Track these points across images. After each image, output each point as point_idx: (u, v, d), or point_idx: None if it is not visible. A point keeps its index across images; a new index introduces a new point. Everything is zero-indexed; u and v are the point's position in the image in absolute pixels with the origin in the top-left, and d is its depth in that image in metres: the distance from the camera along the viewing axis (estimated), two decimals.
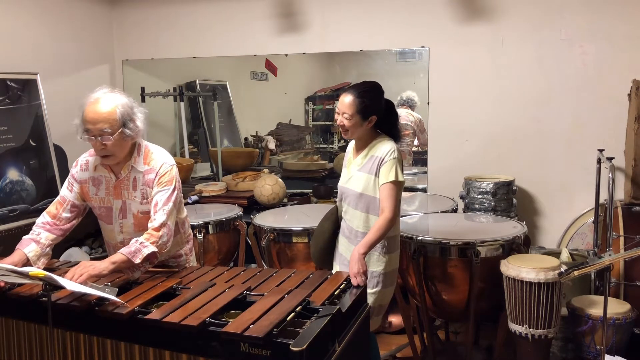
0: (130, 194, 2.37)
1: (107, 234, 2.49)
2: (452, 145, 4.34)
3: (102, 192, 2.39)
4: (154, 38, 4.96)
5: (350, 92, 2.55)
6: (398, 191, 2.53)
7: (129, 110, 2.29)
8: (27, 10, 4.11)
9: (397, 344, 3.64)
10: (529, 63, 4.11)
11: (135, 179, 2.36)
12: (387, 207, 2.50)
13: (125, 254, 2.20)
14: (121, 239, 2.42)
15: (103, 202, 2.40)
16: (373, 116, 2.56)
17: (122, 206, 2.38)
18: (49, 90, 3.96)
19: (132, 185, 2.36)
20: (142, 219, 2.36)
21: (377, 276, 2.59)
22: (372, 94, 2.57)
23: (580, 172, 4.02)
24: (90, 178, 2.40)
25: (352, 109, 2.52)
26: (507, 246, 3.00)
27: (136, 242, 2.23)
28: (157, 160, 2.37)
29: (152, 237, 2.26)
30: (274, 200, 4.22)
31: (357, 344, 2.03)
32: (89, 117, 2.24)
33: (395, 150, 2.55)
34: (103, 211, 2.42)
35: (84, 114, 2.26)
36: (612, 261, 2.38)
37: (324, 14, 4.52)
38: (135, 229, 2.39)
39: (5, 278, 2.03)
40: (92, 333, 1.98)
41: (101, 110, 2.23)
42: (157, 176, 2.34)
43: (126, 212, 2.39)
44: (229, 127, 5.29)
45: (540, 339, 2.77)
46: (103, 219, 2.45)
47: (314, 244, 2.79)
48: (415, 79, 4.45)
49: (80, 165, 2.44)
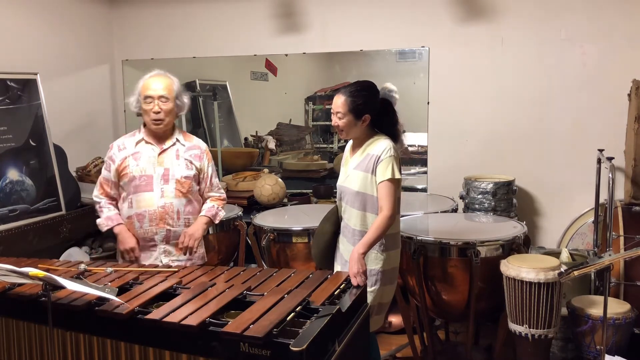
0: (173, 162, 2.74)
1: (146, 202, 2.71)
2: (452, 145, 4.34)
3: (143, 163, 2.72)
4: (154, 38, 4.96)
5: (343, 92, 2.58)
6: (396, 189, 2.54)
7: (180, 88, 2.80)
8: (27, 10, 4.10)
9: (397, 344, 3.64)
10: (529, 63, 4.11)
11: (177, 150, 2.77)
12: (386, 205, 2.50)
13: (209, 216, 2.79)
14: (162, 203, 2.71)
15: (144, 171, 2.71)
16: (366, 115, 2.57)
17: (165, 172, 2.72)
18: (49, 90, 3.96)
19: (175, 155, 2.76)
20: (184, 183, 2.74)
21: (376, 274, 2.59)
22: (364, 92, 2.58)
23: (580, 172, 4.02)
24: (131, 154, 2.74)
25: (344, 108, 2.55)
26: (507, 246, 3.00)
27: (213, 207, 2.82)
28: (197, 140, 2.88)
29: (221, 202, 2.89)
30: (274, 200, 4.22)
31: (357, 344, 2.03)
32: (152, 85, 2.69)
33: (391, 148, 2.55)
34: (143, 180, 2.71)
35: (146, 83, 2.70)
36: (612, 261, 2.38)
37: (324, 14, 4.52)
38: (176, 193, 2.72)
39: (5, 278, 2.03)
40: (92, 333, 1.98)
41: (163, 80, 2.72)
42: (204, 153, 2.84)
43: (168, 178, 2.72)
44: (229, 127, 5.28)
45: (540, 339, 2.77)
46: (142, 189, 2.71)
47: (314, 245, 2.79)
48: (415, 79, 4.45)
49: (117, 146, 2.79)
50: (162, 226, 2.70)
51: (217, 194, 2.89)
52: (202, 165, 2.81)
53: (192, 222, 2.76)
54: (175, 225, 2.72)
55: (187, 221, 2.75)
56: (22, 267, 1.87)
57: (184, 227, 2.74)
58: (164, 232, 2.71)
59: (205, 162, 2.83)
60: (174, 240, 2.73)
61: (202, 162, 2.81)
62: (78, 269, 2.44)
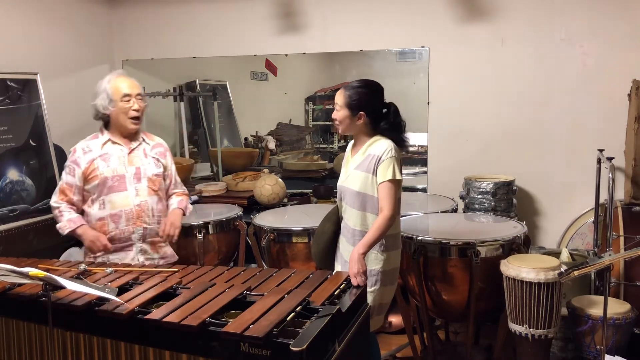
0: (143, 161, 2.77)
1: (121, 202, 2.70)
2: (452, 145, 4.34)
3: (114, 163, 2.71)
4: (154, 38, 4.96)
5: (345, 87, 2.64)
6: (396, 190, 2.54)
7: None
8: (27, 10, 4.10)
9: (397, 344, 3.64)
10: (529, 63, 4.11)
11: (144, 149, 2.80)
12: (386, 206, 2.50)
13: (182, 208, 2.86)
14: (138, 201, 2.72)
15: (116, 172, 2.71)
16: (361, 112, 2.57)
17: (137, 171, 2.74)
18: (49, 90, 3.96)
19: (144, 154, 2.79)
20: (155, 181, 2.78)
21: (376, 274, 2.59)
22: (363, 90, 2.60)
23: (580, 172, 4.02)
24: (99, 156, 2.72)
25: (341, 101, 2.60)
26: (507, 246, 3.00)
27: (183, 200, 2.89)
28: (158, 138, 2.93)
29: (187, 197, 2.94)
30: (274, 200, 4.22)
31: (357, 344, 2.03)
32: (128, 84, 2.71)
33: (392, 149, 2.55)
34: (116, 180, 2.70)
35: (119, 83, 2.70)
36: (612, 261, 2.38)
37: (324, 14, 4.52)
38: (149, 191, 2.76)
39: (5, 278, 2.03)
40: (92, 333, 1.98)
41: (132, 80, 2.75)
42: (167, 150, 2.91)
43: (141, 177, 2.74)
44: (229, 127, 5.28)
45: (540, 339, 2.77)
46: (115, 189, 2.70)
47: (315, 244, 2.79)
48: (415, 79, 4.45)
49: (82, 149, 2.74)
50: (139, 224, 2.73)
51: (181, 190, 2.96)
52: (166, 163, 2.87)
53: (162, 220, 2.79)
54: (151, 222, 2.76)
55: (159, 219, 2.79)
56: (22, 267, 1.87)
57: (157, 225, 2.78)
58: (141, 231, 2.74)
59: (168, 159, 2.89)
60: (150, 238, 2.77)
61: (166, 159, 2.87)
62: (78, 269, 2.44)
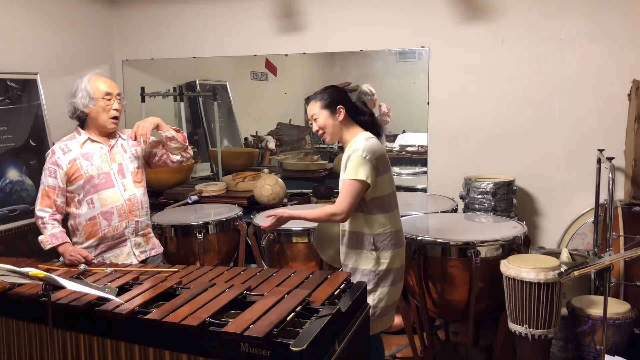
0: (123, 156, 2.81)
1: (111, 198, 2.72)
2: (452, 145, 4.34)
3: (97, 161, 2.73)
4: (154, 38, 4.96)
5: (311, 98, 2.66)
6: (357, 190, 2.47)
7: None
8: (27, 10, 4.10)
9: (397, 344, 3.64)
10: (529, 63, 4.11)
11: (122, 145, 2.84)
12: (338, 201, 2.49)
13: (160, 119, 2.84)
14: (127, 196, 2.76)
15: (101, 169, 2.73)
16: (340, 106, 2.58)
17: (119, 167, 2.78)
18: (49, 90, 3.96)
19: (122, 149, 2.83)
20: (137, 174, 2.83)
21: (368, 274, 2.56)
22: (329, 89, 2.65)
23: (580, 172, 4.01)
24: (79, 155, 2.72)
25: (316, 107, 2.61)
26: (507, 246, 3.00)
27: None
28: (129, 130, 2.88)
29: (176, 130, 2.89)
30: (274, 200, 4.22)
31: (357, 344, 2.03)
32: (108, 85, 2.75)
33: (364, 150, 2.49)
34: (102, 178, 2.72)
35: (99, 82, 2.74)
36: (612, 261, 2.38)
37: (324, 14, 4.52)
38: (135, 184, 2.80)
39: (5, 278, 2.03)
40: (92, 333, 1.98)
41: (112, 81, 2.80)
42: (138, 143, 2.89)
43: (124, 172, 2.79)
44: (229, 127, 5.28)
45: (540, 339, 2.77)
46: (102, 187, 2.71)
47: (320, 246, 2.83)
48: (415, 79, 4.45)
49: (61, 150, 2.73)
50: (131, 219, 2.77)
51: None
52: (144, 146, 2.93)
53: (149, 212, 2.89)
54: (141, 215, 2.82)
55: (147, 210, 2.87)
56: (22, 267, 1.87)
57: (146, 217, 2.85)
58: (134, 225, 2.78)
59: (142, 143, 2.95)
60: (142, 231, 2.83)
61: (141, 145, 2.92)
62: (78, 269, 2.45)
